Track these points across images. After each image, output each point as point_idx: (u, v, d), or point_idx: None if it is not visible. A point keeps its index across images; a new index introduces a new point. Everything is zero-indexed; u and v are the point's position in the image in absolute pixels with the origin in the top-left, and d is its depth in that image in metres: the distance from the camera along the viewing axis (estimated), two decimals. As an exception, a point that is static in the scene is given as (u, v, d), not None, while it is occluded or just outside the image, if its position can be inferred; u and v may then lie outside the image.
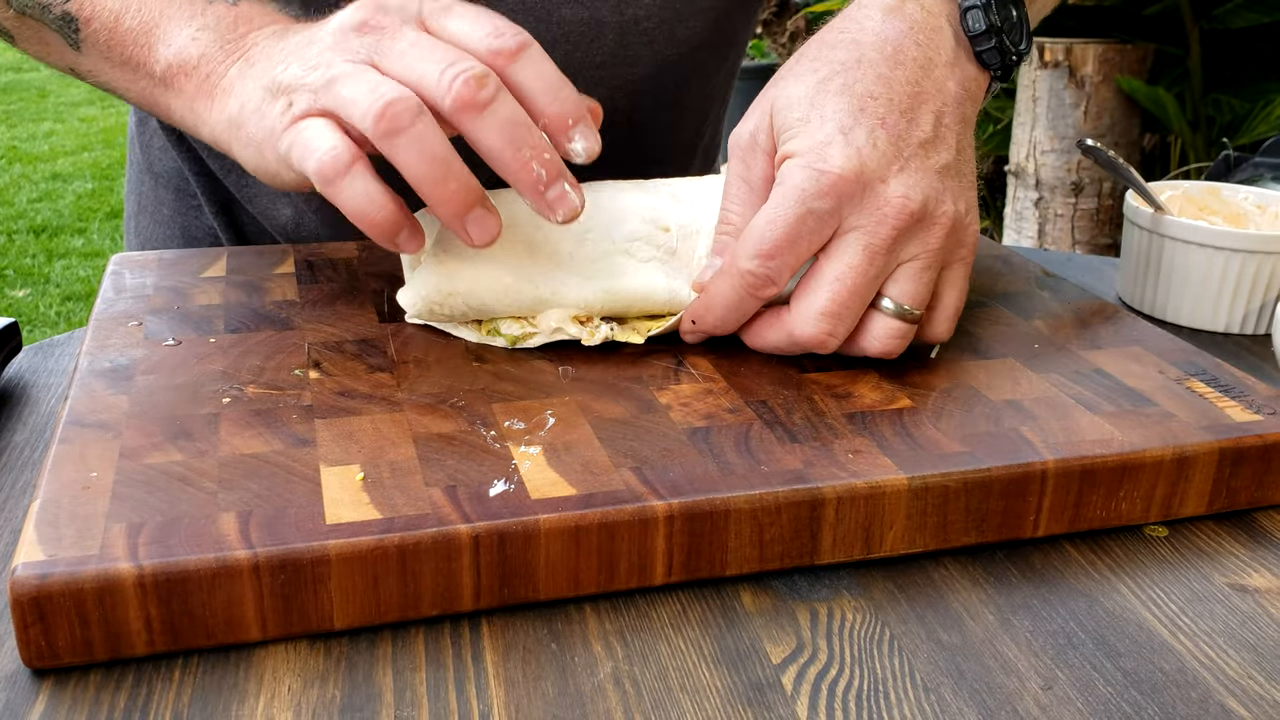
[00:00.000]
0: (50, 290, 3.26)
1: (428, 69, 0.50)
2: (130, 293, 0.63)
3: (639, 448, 0.48)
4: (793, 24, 3.64)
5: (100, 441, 0.47)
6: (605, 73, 0.77)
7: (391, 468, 0.46)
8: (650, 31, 0.78)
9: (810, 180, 0.52)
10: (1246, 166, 1.56)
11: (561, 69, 0.75)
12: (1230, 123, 2.42)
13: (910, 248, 0.54)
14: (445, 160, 0.50)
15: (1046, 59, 2.46)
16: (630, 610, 0.44)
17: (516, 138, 0.50)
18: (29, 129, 4.96)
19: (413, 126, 0.49)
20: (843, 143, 0.53)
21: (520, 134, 0.50)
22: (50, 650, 0.40)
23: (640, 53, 0.78)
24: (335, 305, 0.62)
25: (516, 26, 0.52)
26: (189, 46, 0.58)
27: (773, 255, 0.53)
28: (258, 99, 0.54)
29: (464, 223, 0.51)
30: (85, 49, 0.62)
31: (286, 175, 0.54)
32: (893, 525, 0.47)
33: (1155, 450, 0.49)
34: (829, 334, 0.53)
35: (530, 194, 0.52)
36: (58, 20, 0.61)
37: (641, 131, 0.82)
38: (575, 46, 0.76)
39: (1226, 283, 0.70)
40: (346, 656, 0.41)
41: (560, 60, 0.76)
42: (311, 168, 0.50)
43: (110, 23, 0.60)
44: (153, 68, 0.60)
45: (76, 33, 0.61)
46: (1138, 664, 0.42)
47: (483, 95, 0.49)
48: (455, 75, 0.49)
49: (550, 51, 0.76)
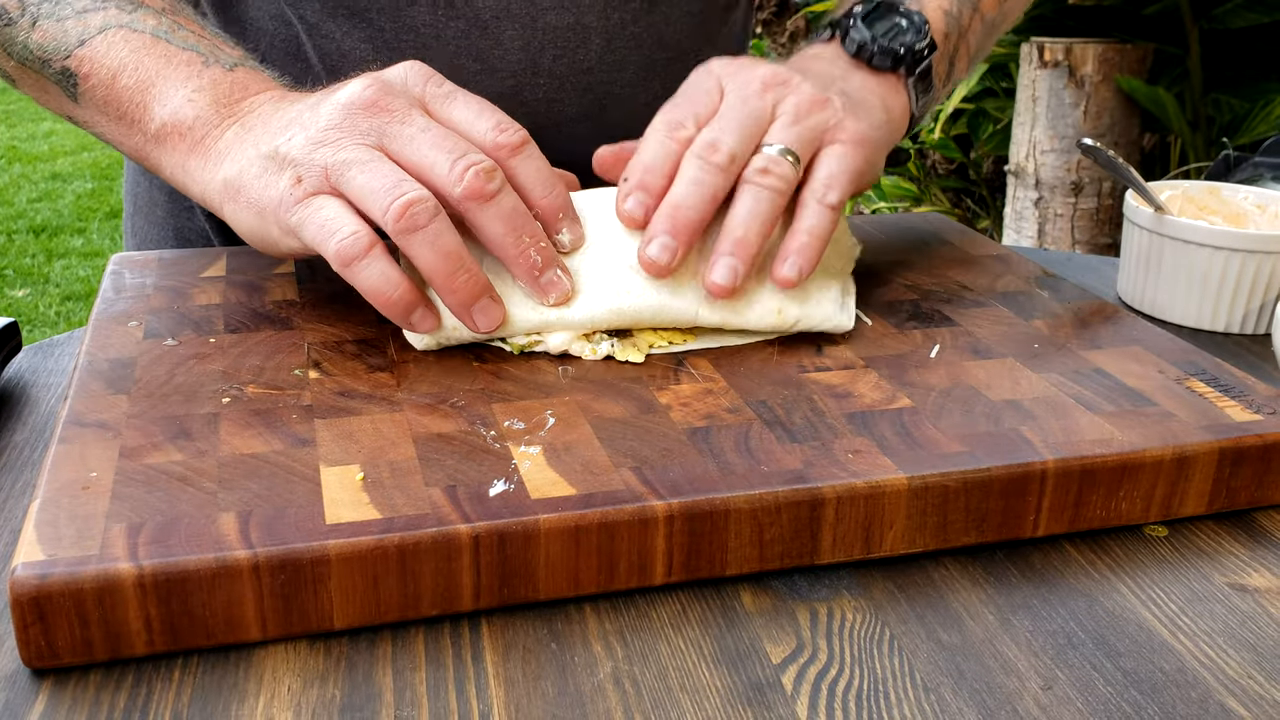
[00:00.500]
0: (50, 290, 3.26)
1: (438, 158, 0.53)
2: (130, 292, 0.63)
3: (639, 448, 0.48)
4: (792, 24, 3.64)
5: (100, 441, 0.47)
6: (593, 78, 0.78)
7: (391, 468, 0.46)
8: (637, 36, 0.78)
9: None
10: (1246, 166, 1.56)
11: (549, 75, 0.77)
12: (1230, 122, 2.42)
13: (783, 104, 0.61)
14: (457, 255, 0.53)
15: (1046, 59, 2.46)
16: (630, 610, 0.44)
17: (517, 226, 0.55)
18: (28, 129, 4.96)
19: (430, 225, 0.53)
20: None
21: (520, 223, 0.55)
22: (50, 650, 0.40)
23: (627, 57, 0.79)
24: (335, 305, 0.62)
25: (516, 123, 0.57)
26: (184, 108, 0.60)
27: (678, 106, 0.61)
28: (259, 166, 0.56)
29: (470, 312, 0.55)
30: (83, 102, 0.63)
31: (287, 244, 0.56)
32: (893, 525, 0.47)
33: (1155, 450, 0.49)
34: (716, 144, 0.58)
35: (526, 278, 0.56)
36: (57, 75, 0.63)
37: (628, 136, 0.82)
38: (562, 52, 0.76)
39: (1226, 283, 0.70)
40: (346, 656, 0.41)
41: (547, 65, 0.76)
42: (331, 249, 0.53)
43: (107, 80, 0.62)
44: (147, 125, 0.61)
45: (75, 87, 0.63)
46: (1138, 664, 0.42)
47: (490, 187, 0.54)
48: (466, 167, 0.53)
49: (537, 57, 0.78)
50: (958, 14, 0.73)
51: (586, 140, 0.81)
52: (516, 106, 0.77)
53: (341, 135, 0.54)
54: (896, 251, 0.73)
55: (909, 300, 0.65)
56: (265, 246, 0.58)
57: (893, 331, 0.61)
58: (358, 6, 0.73)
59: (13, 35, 0.63)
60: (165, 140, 0.61)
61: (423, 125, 0.54)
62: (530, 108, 0.78)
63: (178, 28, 0.63)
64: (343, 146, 0.54)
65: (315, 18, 0.74)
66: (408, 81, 0.57)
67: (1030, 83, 2.52)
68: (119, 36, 0.62)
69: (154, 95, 0.61)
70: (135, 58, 0.61)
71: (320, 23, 0.75)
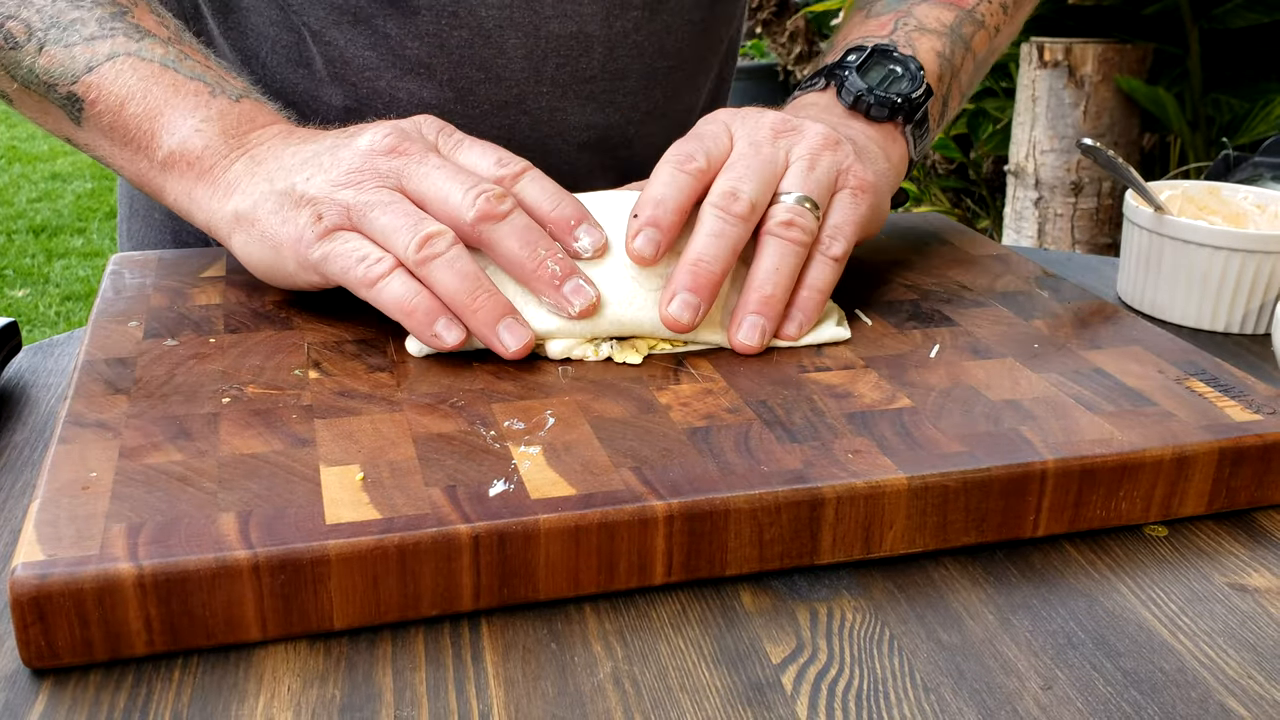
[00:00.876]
0: (50, 290, 3.26)
1: (452, 189, 0.56)
2: (130, 292, 0.63)
3: (639, 448, 0.48)
4: (792, 24, 3.64)
5: (100, 441, 0.47)
6: (595, 86, 0.78)
7: (391, 468, 0.46)
8: (639, 44, 0.78)
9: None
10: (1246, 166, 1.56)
11: (551, 83, 0.77)
12: (1230, 122, 2.42)
13: (795, 150, 0.61)
14: (475, 277, 0.55)
15: (1046, 59, 2.46)
16: (630, 610, 0.44)
17: (531, 241, 0.56)
18: (28, 128, 4.96)
19: (448, 252, 0.55)
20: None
21: (534, 238, 0.56)
22: (50, 650, 0.40)
23: (629, 66, 0.79)
24: (335, 305, 0.61)
25: (517, 156, 0.59)
26: (193, 138, 0.61)
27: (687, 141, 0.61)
28: (274, 202, 0.57)
29: (495, 332, 0.55)
30: (86, 126, 0.64)
31: (304, 278, 0.58)
32: (892, 525, 0.47)
33: (1155, 450, 0.49)
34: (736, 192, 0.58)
35: (549, 290, 0.56)
36: (62, 99, 0.63)
37: (630, 144, 0.82)
38: (565, 60, 0.76)
39: (1226, 282, 0.70)
40: (346, 656, 0.41)
41: (550, 74, 0.77)
42: (359, 274, 0.55)
43: (115, 106, 0.62)
44: (154, 153, 0.62)
45: (80, 111, 0.63)
46: (1137, 664, 0.42)
47: (501, 208, 0.56)
48: (478, 194, 0.55)
49: (540, 65, 0.79)
50: (950, 55, 0.74)
51: (589, 148, 0.81)
52: (520, 115, 0.78)
53: (363, 178, 0.56)
54: (896, 251, 0.73)
55: (909, 300, 0.65)
56: (275, 278, 0.59)
57: (892, 331, 0.61)
58: (363, 14, 0.74)
59: (18, 59, 0.63)
60: (173, 168, 0.62)
61: (437, 164, 0.57)
62: (533, 116, 0.78)
63: (184, 57, 0.64)
64: (365, 189, 0.56)
65: (320, 25, 0.75)
66: (422, 129, 0.59)
67: (1030, 83, 2.52)
68: (127, 64, 0.63)
69: (162, 124, 0.62)
70: (143, 86, 0.62)
71: (324, 30, 0.75)
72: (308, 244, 0.56)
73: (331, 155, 0.58)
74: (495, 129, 0.77)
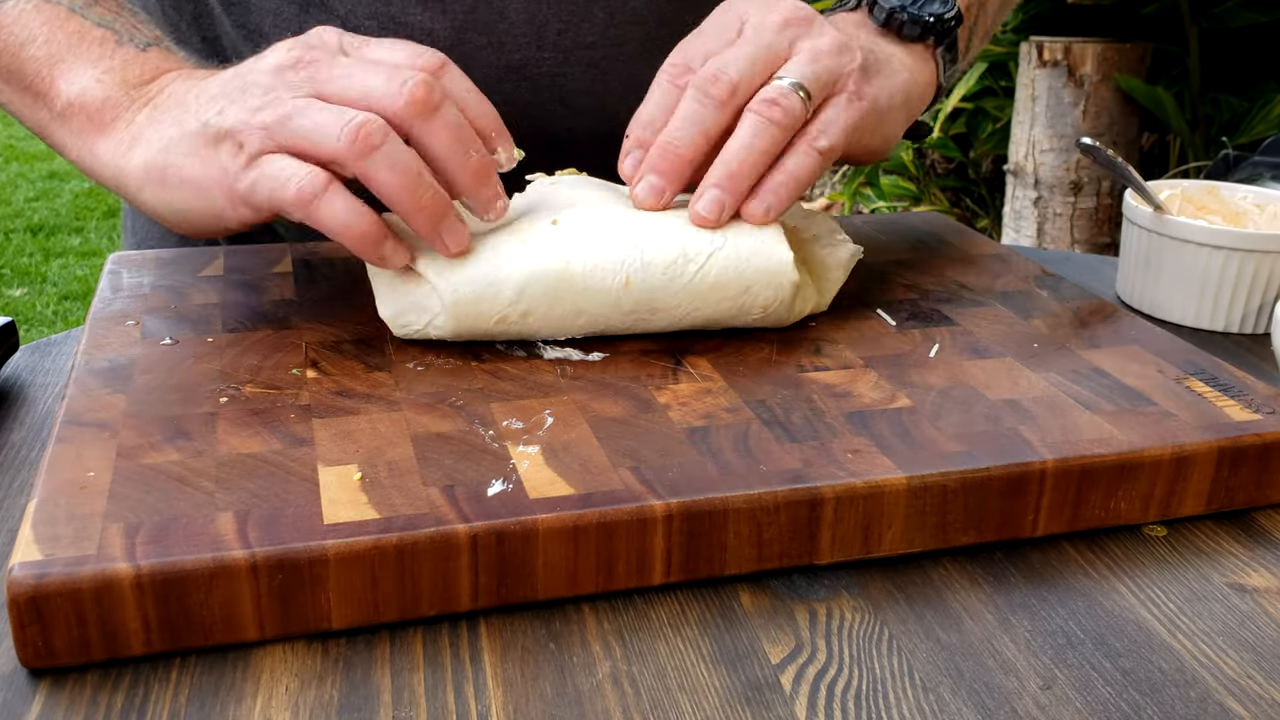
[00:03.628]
0: (47, 289, 3.26)
1: (375, 82, 0.53)
2: (128, 292, 0.63)
3: (637, 447, 0.48)
4: None
5: (97, 441, 0.47)
6: (596, 53, 0.78)
7: (389, 467, 0.46)
8: (638, 11, 0.79)
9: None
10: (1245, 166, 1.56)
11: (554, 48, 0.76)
12: (1229, 122, 2.42)
13: (801, 42, 0.59)
14: (418, 172, 0.52)
15: (1045, 58, 2.46)
16: (629, 610, 0.44)
17: (464, 138, 0.54)
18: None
19: (385, 144, 0.51)
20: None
21: (466, 135, 0.54)
22: (47, 650, 0.40)
23: (629, 33, 0.79)
24: (333, 304, 0.61)
25: (431, 49, 0.56)
26: (93, 88, 0.59)
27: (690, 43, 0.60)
28: (188, 145, 0.55)
29: (439, 231, 0.53)
30: None
31: (237, 215, 0.55)
32: (891, 525, 0.47)
33: (1154, 450, 0.49)
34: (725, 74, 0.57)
35: (476, 186, 0.54)
36: None
37: (630, 112, 0.82)
38: (567, 25, 0.76)
39: (1226, 282, 0.70)
40: (344, 657, 0.41)
41: (552, 39, 0.76)
42: (291, 194, 0.52)
43: (14, 48, 0.60)
44: (53, 101, 0.60)
45: None
46: (1136, 664, 0.42)
47: (435, 97, 0.52)
48: (404, 81, 0.52)
49: (542, 30, 0.78)
50: None
51: (589, 115, 0.81)
52: (521, 81, 0.77)
53: (275, 95, 0.53)
54: (896, 251, 0.73)
55: (908, 300, 0.65)
56: (204, 225, 0.57)
57: (892, 331, 0.60)
58: None
59: None
60: (71, 119, 0.59)
61: (347, 63, 0.54)
62: (535, 82, 0.78)
63: (93, 3, 0.62)
64: (279, 103, 0.53)
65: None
66: (323, 37, 0.57)
67: (1029, 82, 2.52)
68: (31, 6, 0.61)
69: (61, 71, 0.59)
70: (47, 30, 0.60)
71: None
72: (234, 176, 0.53)
73: (239, 84, 0.55)
74: (496, 96, 0.77)
